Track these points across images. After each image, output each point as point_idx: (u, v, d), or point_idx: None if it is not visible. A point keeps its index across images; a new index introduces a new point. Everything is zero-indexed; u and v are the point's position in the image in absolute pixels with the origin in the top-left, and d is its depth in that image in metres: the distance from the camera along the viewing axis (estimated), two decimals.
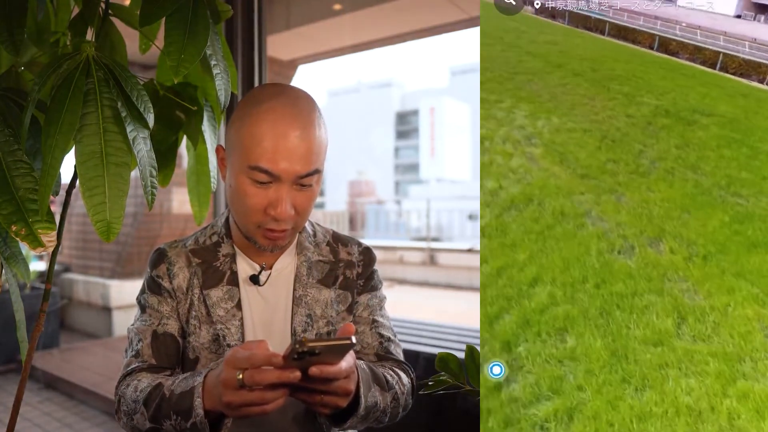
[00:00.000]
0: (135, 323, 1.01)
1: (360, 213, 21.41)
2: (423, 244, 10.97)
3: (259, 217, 0.91)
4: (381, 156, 49.96)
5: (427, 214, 12.64)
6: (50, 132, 0.72)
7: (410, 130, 48.96)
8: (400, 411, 0.97)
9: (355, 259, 1.07)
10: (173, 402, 0.84)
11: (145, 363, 0.96)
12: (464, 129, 47.96)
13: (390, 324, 1.09)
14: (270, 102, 0.89)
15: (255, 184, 0.89)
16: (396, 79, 60.76)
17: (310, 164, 0.89)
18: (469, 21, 3.43)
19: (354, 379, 0.81)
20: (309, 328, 1.00)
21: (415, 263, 10.22)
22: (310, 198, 0.93)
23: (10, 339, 1.32)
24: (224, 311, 0.98)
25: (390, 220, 21.23)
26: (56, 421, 3.55)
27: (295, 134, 0.87)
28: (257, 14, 2.26)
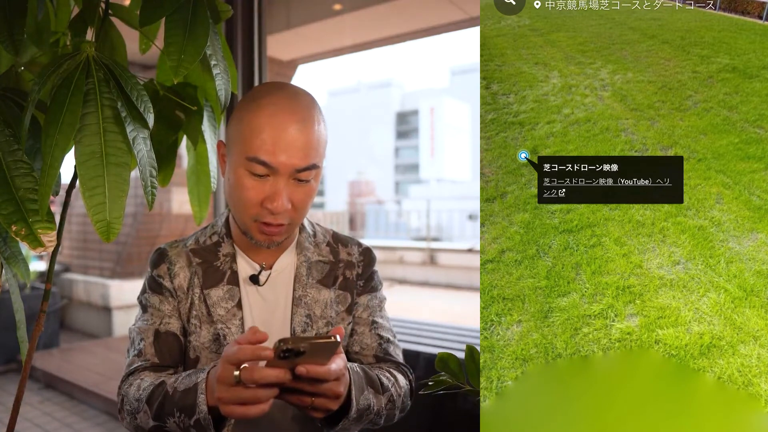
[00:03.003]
0: (137, 323, 1.00)
1: (360, 213, 21.39)
2: (423, 244, 10.97)
3: (255, 210, 0.91)
4: (381, 156, 49.94)
5: (427, 214, 12.63)
6: (50, 132, 0.72)
7: (410, 130, 48.94)
8: (397, 413, 0.97)
9: (355, 259, 1.07)
10: (176, 399, 0.84)
11: (148, 362, 0.96)
12: (464, 129, 47.95)
13: (390, 325, 1.09)
14: (270, 96, 0.90)
15: (253, 176, 0.89)
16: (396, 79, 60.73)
17: (308, 158, 0.89)
18: (469, 21, 3.43)
19: (345, 382, 0.81)
20: (308, 329, 1.00)
21: (415, 263, 10.22)
22: (308, 193, 0.92)
23: (10, 339, 1.32)
24: (224, 311, 0.98)
25: (390, 220, 21.22)
26: (56, 421, 3.55)
27: (295, 127, 0.88)
28: (257, 14, 2.26)
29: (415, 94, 51.47)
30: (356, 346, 1.04)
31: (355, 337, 1.04)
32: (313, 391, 0.77)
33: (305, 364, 0.74)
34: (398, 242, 12.25)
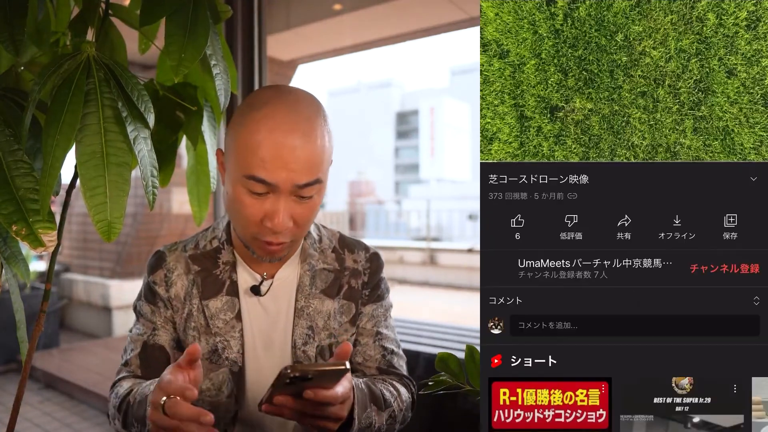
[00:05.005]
0: (132, 330, 1.01)
1: (360, 213, 21.39)
2: (423, 244, 10.98)
3: (255, 228, 0.87)
4: (381, 156, 49.94)
5: (427, 214, 12.64)
6: (51, 132, 0.72)
7: (410, 130, 48.94)
8: (397, 426, 0.97)
9: (361, 267, 1.03)
10: (135, 409, 0.84)
11: (132, 373, 0.96)
12: (464, 129, 47.94)
13: (395, 335, 1.06)
14: (268, 107, 0.84)
15: (251, 194, 0.84)
16: (396, 79, 60.69)
17: (310, 174, 0.84)
18: (469, 21, 3.43)
19: (348, 405, 0.80)
20: (310, 341, 0.97)
21: (415, 263, 10.22)
22: (310, 209, 0.88)
23: (10, 339, 1.32)
24: (223, 323, 0.95)
25: (390, 220, 21.22)
26: (56, 421, 3.55)
27: (295, 143, 0.82)
28: (257, 14, 2.26)
29: (415, 94, 51.48)
30: (359, 357, 1.02)
31: (358, 348, 1.02)
32: (317, 413, 0.76)
33: (312, 389, 0.73)
34: (398, 242, 12.25)
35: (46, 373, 4.21)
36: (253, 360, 0.97)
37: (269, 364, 0.97)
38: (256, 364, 0.97)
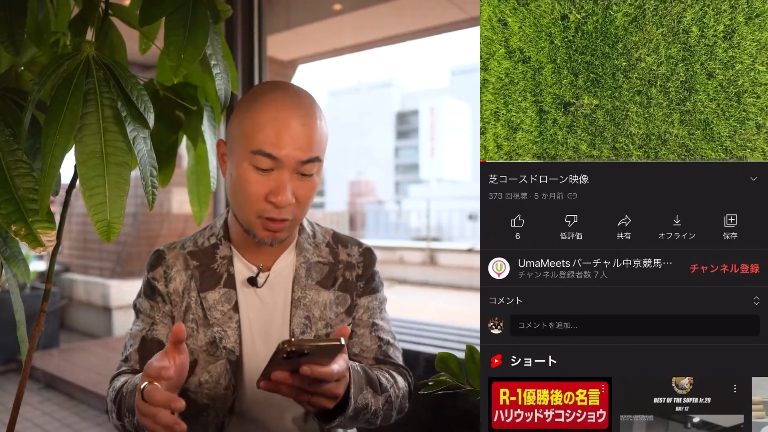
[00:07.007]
0: (131, 327, 1.02)
1: (360, 213, 21.42)
2: (423, 244, 10.99)
3: (260, 205, 0.91)
4: (381, 156, 49.97)
5: (427, 214, 12.65)
6: (50, 132, 0.72)
7: (410, 130, 48.97)
8: (394, 414, 0.97)
9: (354, 260, 1.06)
10: (127, 400, 0.85)
11: (130, 368, 0.97)
12: (464, 129, 47.96)
13: (390, 327, 1.08)
14: (272, 93, 0.91)
15: (257, 171, 0.89)
16: (396, 79, 60.74)
17: (311, 150, 0.90)
18: (469, 21, 3.43)
19: (344, 383, 0.81)
20: (307, 330, 0.99)
21: (415, 263, 10.23)
22: (310, 188, 0.93)
23: (10, 339, 1.32)
24: (221, 314, 0.97)
25: (390, 220, 21.23)
26: (56, 421, 3.55)
27: (298, 121, 0.89)
28: (257, 14, 2.26)
29: (415, 94, 51.53)
30: (356, 348, 1.03)
31: (354, 339, 1.04)
32: (313, 390, 0.77)
33: (309, 364, 0.73)
34: (398, 242, 12.27)
35: (46, 373, 4.22)
36: (251, 350, 0.98)
37: (267, 355, 0.98)
38: (254, 355, 0.98)
